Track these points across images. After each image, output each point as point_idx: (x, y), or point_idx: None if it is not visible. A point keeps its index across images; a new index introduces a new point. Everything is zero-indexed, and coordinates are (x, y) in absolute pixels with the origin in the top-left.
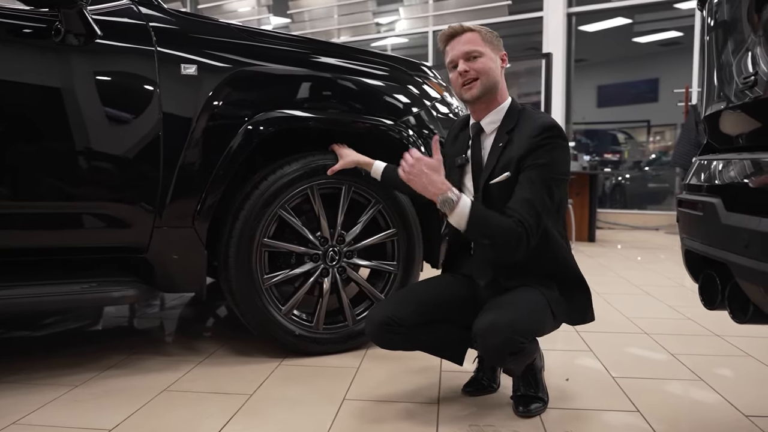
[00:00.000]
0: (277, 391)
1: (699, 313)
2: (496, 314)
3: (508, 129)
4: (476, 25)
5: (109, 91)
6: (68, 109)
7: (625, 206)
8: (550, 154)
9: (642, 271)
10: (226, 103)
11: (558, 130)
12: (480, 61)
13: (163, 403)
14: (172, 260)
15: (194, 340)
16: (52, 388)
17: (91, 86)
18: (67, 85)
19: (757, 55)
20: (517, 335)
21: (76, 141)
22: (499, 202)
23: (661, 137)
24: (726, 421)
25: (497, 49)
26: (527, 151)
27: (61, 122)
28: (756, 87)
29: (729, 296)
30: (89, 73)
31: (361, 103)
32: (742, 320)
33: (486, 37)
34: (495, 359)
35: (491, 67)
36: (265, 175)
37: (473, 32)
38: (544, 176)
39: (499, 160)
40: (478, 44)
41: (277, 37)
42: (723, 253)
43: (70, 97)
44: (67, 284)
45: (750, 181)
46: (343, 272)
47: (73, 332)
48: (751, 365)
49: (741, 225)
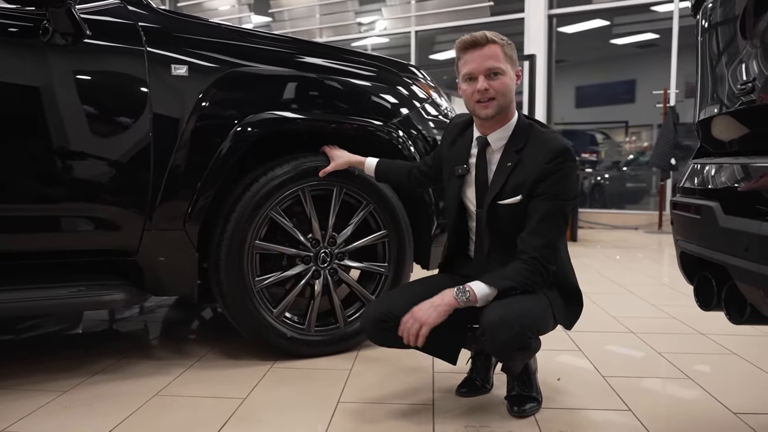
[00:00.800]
0: (271, 394)
1: (681, 311)
2: (505, 309)
3: (517, 148)
4: (498, 37)
5: (97, 92)
6: (56, 111)
7: (605, 206)
8: (563, 181)
9: (624, 270)
10: (216, 105)
11: (569, 153)
12: (500, 81)
13: (155, 408)
14: (162, 263)
15: (182, 343)
16: (39, 394)
17: (80, 87)
18: (55, 85)
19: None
20: (526, 330)
21: (65, 142)
22: (506, 221)
23: (637, 137)
24: (715, 419)
25: (515, 65)
26: (540, 177)
27: (50, 123)
28: (753, 93)
29: (726, 298)
30: (78, 73)
31: (352, 104)
32: (738, 321)
33: (507, 52)
34: (503, 354)
35: (509, 88)
36: (256, 177)
37: (496, 45)
38: (558, 205)
39: (508, 181)
40: (500, 60)
41: (267, 37)
42: (721, 255)
43: (59, 98)
44: (56, 288)
45: (749, 186)
46: (334, 274)
47: (56, 336)
48: (735, 363)
49: (740, 228)
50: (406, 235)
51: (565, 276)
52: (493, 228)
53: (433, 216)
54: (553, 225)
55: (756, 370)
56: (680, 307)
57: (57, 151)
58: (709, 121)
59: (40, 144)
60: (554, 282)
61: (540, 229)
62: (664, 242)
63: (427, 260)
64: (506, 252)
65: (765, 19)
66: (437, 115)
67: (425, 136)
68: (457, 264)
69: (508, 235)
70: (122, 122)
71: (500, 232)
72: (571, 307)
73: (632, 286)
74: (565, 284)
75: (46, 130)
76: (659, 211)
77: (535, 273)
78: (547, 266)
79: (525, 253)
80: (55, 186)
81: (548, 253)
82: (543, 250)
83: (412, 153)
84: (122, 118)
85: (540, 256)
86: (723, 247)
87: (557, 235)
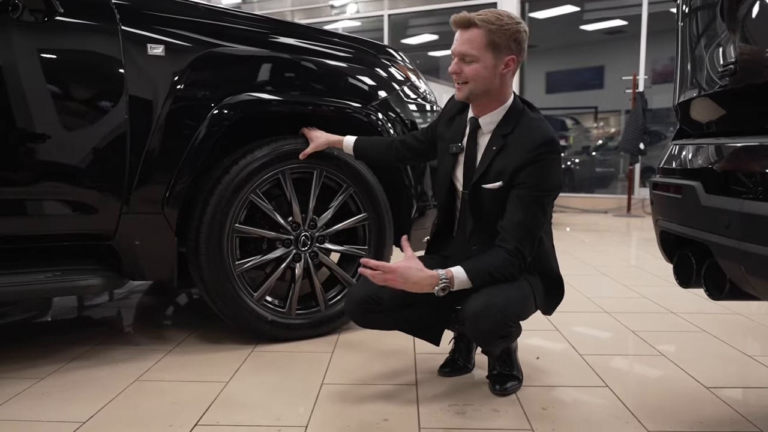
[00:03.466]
0: (254, 377)
1: (651, 291)
2: (487, 298)
3: (505, 132)
4: (491, 17)
5: (71, 73)
6: (27, 92)
7: (574, 190)
8: (544, 171)
9: (595, 252)
10: (194, 86)
11: (554, 144)
12: (471, 67)
13: (135, 393)
14: (140, 247)
15: (160, 328)
16: (15, 382)
17: (52, 67)
18: (27, 65)
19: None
20: (507, 319)
21: (37, 124)
22: (488, 205)
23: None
24: (688, 393)
25: (502, 52)
26: (521, 165)
27: (21, 105)
28: (733, 76)
29: (705, 275)
30: (50, 52)
31: (330, 86)
32: (717, 298)
33: (491, 38)
34: (484, 342)
35: (482, 76)
36: (236, 160)
37: (479, 30)
38: (538, 195)
39: (491, 165)
40: (476, 47)
41: (245, 17)
42: (703, 233)
43: (30, 79)
44: (30, 273)
45: (730, 166)
46: (315, 257)
47: (27, 323)
48: (705, 340)
49: (722, 207)
50: (386, 218)
51: (548, 264)
52: (475, 210)
53: (413, 199)
54: (531, 215)
55: (725, 346)
56: (650, 287)
57: (30, 133)
58: (689, 103)
59: (11, 126)
60: (537, 269)
61: (520, 219)
62: (633, 225)
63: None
64: (488, 235)
65: (746, 4)
66: (416, 97)
67: (404, 119)
68: (441, 244)
69: (490, 218)
70: (97, 103)
71: (483, 215)
72: (551, 295)
73: (603, 267)
74: (548, 272)
75: (17, 112)
76: (628, 195)
77: (512, 265)
78: (525, 257)
79: (505, 242)
80: (26, 169)
81: (528, 245)
82: (522, 242)
83: (391, 135)
84: (97, 99)
85: (519, 247)
86: (704, 226)
87: (536, 225)
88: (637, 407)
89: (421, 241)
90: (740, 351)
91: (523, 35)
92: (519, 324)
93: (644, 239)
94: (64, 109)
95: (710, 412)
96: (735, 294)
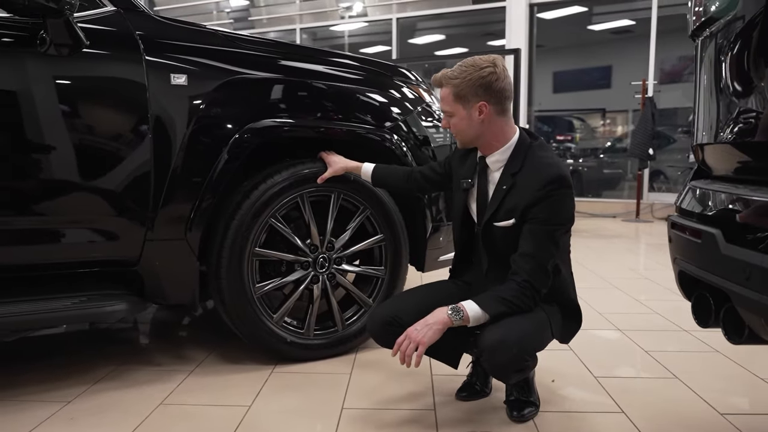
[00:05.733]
0: (275, 402)
1: (663, 307)
2: (503, 331)
3: (513, 171)
4: (453, 73)
5: (97, 103)
6: (56, 122)
7: (582, 194)
8: (554, 207)
9: (605, 261)
10: (216, 114)
11: (563, 180)
12: (452, 122)
13: (161, 418)
14: (163, 272)
15: (180, 347)
16: (43, 405)
17: (79, 98)
18: (54, 96)
19: (759, 95)
20: (524, 353)
21: (66, 154)
22: (501, 241)
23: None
24: (703, 418)
25: (470, 101)
26: (531, 203)
27: (51, 135)
28: (757, 127)
29: (724, 318)
30: (77, 83)
31: (348, 109)
32: (736, 342)
33: (459, 93)
34: (500, 375)
35: (462, 128)
36: (256, 185)
37: (446, 88)
38: (549, 230)
39: (502, 204)
40: (448, 103)
41: (263, 43)
42: (722, 281)
43: (58, 110)
44: (57, 300)
45: (754, 220)
46: (332, 278)
47: (48, 341)
48: (719, 362)
49: (743, 258)
50: (402, 239)
51: (566, 293)
52: (488, 247)
53: (427, 219)
54: (543, 248)
55: (738, 368)
56: (661, 302)
57: (59, 162)
58: (710, 146)
59: (41, 156)
60: (555, 299)
61: (531, 252)
62: (641, 231)
63: (422, 263)
64: (504, 269)
65: None
66: (431, 118)
67: (419, 139)
68: (461, 270)
69: (504, 254)
70: (123, 133)
71: (497, 251)
72: (569, 324)
73: (613, 279)
74: (565, 301)
75: (47, 142)
76: (637, 200)
77: (526, 296)
78: (538, 289)
79: (518, 275)
80: (58, 198)
81: (540, 277)
82: (534, 274)
83: (408, 158)
84: (122, 129)
85: (531, 280)
86: (724, 274)
87: (546, 258)
88: None
89: (436, 260)
90: (753, 374)
91: (490, 78)
92: (535, 355)
93: (653, 245)
94: (92, 138)
95: None
96: (755, 339)
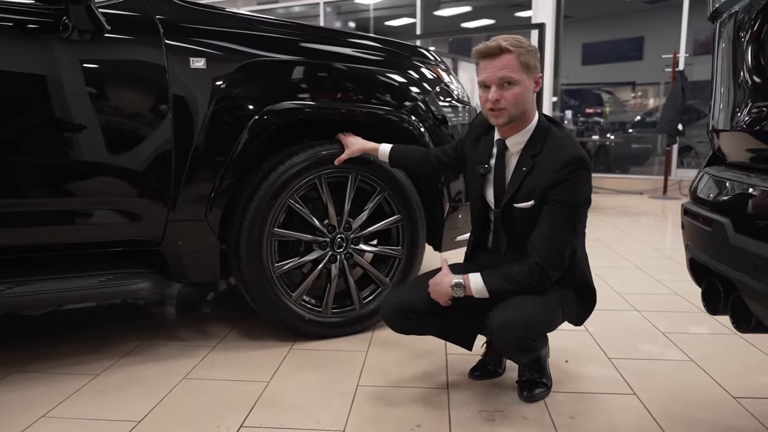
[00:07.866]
0: (293, 377)
1: (685, 287)
2: (512, 311)
3: (533, 153)
4: (515, 42)
5: (120, 87)
6: (81, 106)
7: (609, 170)
8: (573, 188)
9: (628, 240)
10: (235, 96)
11: (581, 162)
12: (513, 92)
13: (183, 392)
14: (185, 251)
15: (202, 323)
16: (73, 378)
17: (102, 82)
18: (79, 80)
19: None
20: (531, 333)
21: (93, 136)
22: (520, 223)
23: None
24: (715, 401)
25: (533, 72)
26: (550, 184)
27: (76, 120)
28: None
29: (732, 306)
30: (98, 67)
31: (367, 90)
32: (744, 330)
33: (523, 61)
34: (508, 353)
35: (522, 98)
36: (274, 166)
37: (511, 54)
38: (567, 212)
39: (521, 186)
40: (514, 70)
41: (280, 24)
42: (730, 270)
43: (83, 94)
44: (85, 278)
45: (763, 210)
46: (350, 258)
47: (78, 315)
48: (737, 345)
49: (751, 249)
50: (420, 219)
51: (581, 274)
52: (508, 228)
53: (444, 200)
54: (560, 231)
55: (755, 351)
56: (683, 282)
57: (86, 145)
58: (725, 132)
59: (69, 139)
60: (569, 279)
61: (547, 234)
62: (669, 208)
63: (440, 242)
64: (522, 251)
65: None
66: (449, 98)
67: (438, 119)
68: (477, 253)
69: (523, 235)
70: (144, 117)
71: (516, 232)
72: (582, 307)
73: (636, 258)
74: (579, 283)
75: (74, 126)
76: (665, 176)
77: (533, 279)
78: (549, 273)
79: (531, 257)
80: (87, 179)
81: (553, 260)
82: (547, 258)
83: (426, 138)
84: (144, 113)
85: (543, 263)
86: (732, 263)
87: (563, 242)
88: (662, 417)
89: (453, 240)
90: None
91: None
92: (545, 337)
93: (680, 224)
94: (117, 125)
95: (735, 423)
96: (762, 328)
